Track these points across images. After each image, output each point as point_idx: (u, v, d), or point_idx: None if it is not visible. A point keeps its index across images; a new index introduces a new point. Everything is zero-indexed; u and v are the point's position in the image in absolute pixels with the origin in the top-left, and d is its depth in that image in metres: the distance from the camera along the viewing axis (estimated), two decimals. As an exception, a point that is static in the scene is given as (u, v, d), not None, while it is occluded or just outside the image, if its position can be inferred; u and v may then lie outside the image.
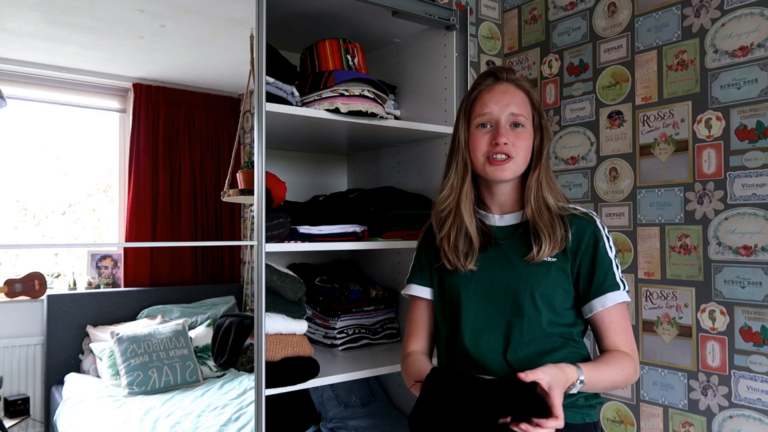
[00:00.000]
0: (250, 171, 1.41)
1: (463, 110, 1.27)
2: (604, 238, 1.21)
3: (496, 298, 1.21)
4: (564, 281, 1.20)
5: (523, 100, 1.23)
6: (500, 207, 1.29)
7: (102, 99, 1.52)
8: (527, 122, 1.23)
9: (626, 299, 1.21)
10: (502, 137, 1.20)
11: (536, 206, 1.22)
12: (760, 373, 1.64)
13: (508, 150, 1.20)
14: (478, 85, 1.26)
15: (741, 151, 1.69)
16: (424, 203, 1.82)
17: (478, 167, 1.24)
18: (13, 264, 1.45)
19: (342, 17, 1.74)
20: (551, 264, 1.20)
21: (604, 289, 1.19)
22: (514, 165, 1.21)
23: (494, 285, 1.22)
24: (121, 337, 1.58)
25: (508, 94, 1.22)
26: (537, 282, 1.19)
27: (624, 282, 1.21)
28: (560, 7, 2.22)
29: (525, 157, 1.23)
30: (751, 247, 1.66)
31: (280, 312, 1.50)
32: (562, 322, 1.21)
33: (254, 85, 1.41)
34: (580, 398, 1.19)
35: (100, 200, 1.54)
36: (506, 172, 1.21)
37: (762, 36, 1.65)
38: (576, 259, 1.21)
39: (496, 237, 1.26)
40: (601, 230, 1.22)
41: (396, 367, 1.65)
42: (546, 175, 1.24)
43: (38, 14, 1.34)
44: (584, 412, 1.20)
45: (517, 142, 1.21)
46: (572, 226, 1.21)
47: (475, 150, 1.23)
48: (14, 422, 1.43)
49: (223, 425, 1.56)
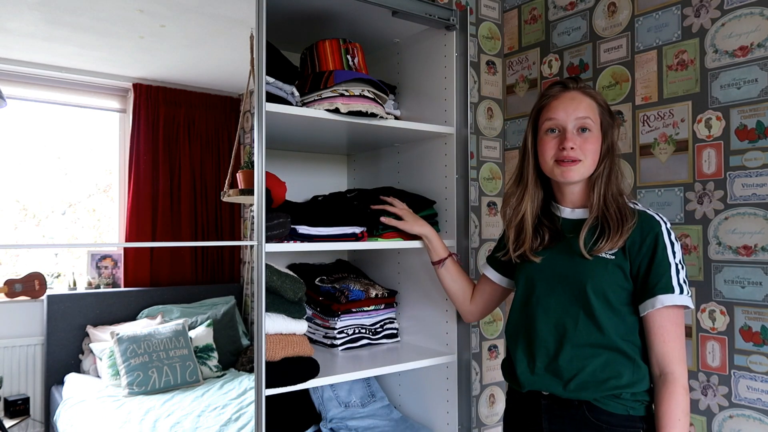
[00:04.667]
0: (250, 171, 1.41)
1: (531, 118, 1.38)
2: (666, 242, 1.23)
3: (555, 289, 1.31)
4: (620, 278, 1.25)
5: (590, 105, 1.31)
6: (572, 203, 1.37)
7: (102, 99, 1.52)
8: (594, 126, 1.30)
9: (680, 302, 1.21)
10: (569, 142, 1.29)
11: (603, 203, 1.29)
12: (760, 373, 1.64)
13: (575, 154, 1.29)
14: (546, 93, 1.36)
15: (741, 151, 1.69)
16: (424, 203, 1.82)
17: (547, 170, 1.34)
18: (13, 264, 1.45)
19: (342, 17, 1.74)
20: (609, 261, 1.25)
21: (657, 291, 1.21)
22: (582, 168, 1.30)
23: (554, 277, 1.31)
24: (121, 337, 1.58)
25: (576, 100, 1.31)
26: (592, 276, 1.25)
27: (683, 288, 1.21)
28: (560, 7, 2.22)
29: (593, 160, 1.31)
30: (751, 247, 1.66)
31: (280, 312, 1.50)
32: (620, 319, 1.25)
33: (254, 85, 1.41)
34: (626, 393, 1.24)
35: (100, 200, 1.54)
36: (574, 174, 1.30)
37: (762, 36, 1.65)
38: (635, 259, 1.24)
39: (563, 231, 1.35)
40: (664, 235, 1.24)
41: (396, 367, 1.65)
42: (613, 174, 1.31)
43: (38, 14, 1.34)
44: (629, 405, 1.25)
45: (585, 145, 1.29)
46: (637, 225, 1.25)
47: (544, 154, 1.33)
48: (14, 422, 1.43)
49: (223, 425, 1.56)
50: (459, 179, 1.78)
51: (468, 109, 1.77)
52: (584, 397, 1.26)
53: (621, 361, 1.25)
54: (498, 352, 2.43)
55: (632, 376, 1.25)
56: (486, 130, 2.42)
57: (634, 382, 1.25)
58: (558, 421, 1.30)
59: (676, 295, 1.21)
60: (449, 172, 1.81)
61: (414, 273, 1.94)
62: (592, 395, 1.25)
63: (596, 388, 1.25)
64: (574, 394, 1.27)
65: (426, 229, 1.64)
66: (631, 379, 1.24)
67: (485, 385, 2.39)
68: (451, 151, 1.80)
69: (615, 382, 1.24)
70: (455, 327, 1.78)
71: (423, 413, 1.90)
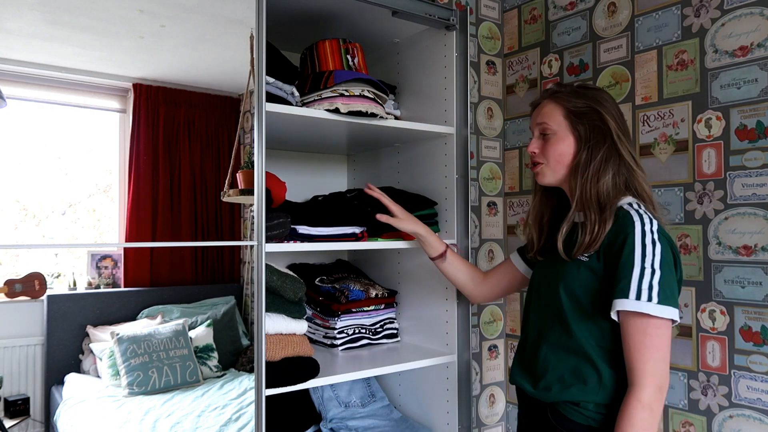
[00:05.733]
0: (250, 171, 1.41)
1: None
2: (636, 243, 1.15)
3: (542, 290, 1.34)
4: (590, 280, 1.22)
5: (551, 110, 1.32)
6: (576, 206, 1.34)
7: (102, 99, 1.52)
8: (556, 129, 1.31)
9: (634, 308, 1.12)
10: (529, 146, 1.36)
11: (581, 205, 1.27)
12: (760, 372, 1.64)
13: (537, 158, 1.35)
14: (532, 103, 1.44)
15: (741, 151, 1.69)
16: (424, 203, 1.82)
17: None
18: (13, 264, 1.45)
19: (342, 17, 1.74)
20: (582, 263, 1.24)
21: (614, 294, 1.16)
22: (547, 170, 1.33)
23: (543, 278, 1.35)
24: (121, 337, 1.58)
25: (539, 107, 1.37)
26: (564, 277, 1.26)
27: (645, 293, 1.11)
28: (560, 7, 2.22)
29: (557, 162, 1.31)
30: (751, 247, 1.66)
31: (280, 312, 1.50)
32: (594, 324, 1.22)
33: (254, 85, 1.41)
34: (589, 403, 1.21)
35: (100, 200, 1.54)
36: (540, 176, 1.35)
37: (762, 36, 1.65)
38: (608, 261, 1.19)
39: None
40: (636, 235, 1.16)
41: (396, 367, 1.65)
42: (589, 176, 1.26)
43: (38, 14, 1.34)
44: (591, 416, 1.21)
45: (545, 148, 1.32)
46: (612, 227, 1.20)
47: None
48: (14, 422, 1.43)
49: (223, 425, 1.56)
50: (459, 179, 1.78)
51: (468, 109, 1.77)
52: (548, 399, 1.25)
53: (588, 368, 1.21)
54: (498, 352, 2.43)
55: (597, 386, 1.20)
56: (486, 130, 2.42)
57: (597, 393, 1.20)
58: (529, 418, 1.33)
59: (631, 300, 1.12)
60: (449, 172, 1.81)
61: (414, 273, 1.94)
62: (555, 398, 1.23)
63: (560, 392, 1.22)
64: (540, 394, 1.27)
65: (418, 227, 1.63)
66: (595, 388, 1.20)
67: (485, 385, 2.39)
68: (451, 151, 1.80)
69: (578, 389, 1.20)
70: (455, 327, 1.78)
71: (423, 413, 1.90)
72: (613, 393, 1.19)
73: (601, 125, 1.27)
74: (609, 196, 1.24)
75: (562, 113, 1.31)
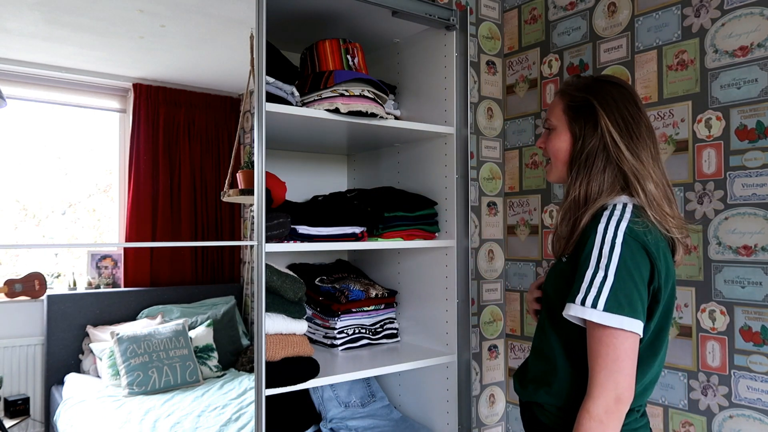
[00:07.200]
0: (250, 171, 1.41)
1: None
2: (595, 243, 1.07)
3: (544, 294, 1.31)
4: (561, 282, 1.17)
5: (555, 104, 1.27)
6: None
7: (102, 99, 1.52)
8: (557, 124, 1.25)
9: (577, 314, 1.05)
10: (538, 143, 1.31)
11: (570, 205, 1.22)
12: (760, 372, 1.64)
13: (546, 154, 1.29)
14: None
15: (741, 151, 1.69)
16: (423, 203, 1.82)
17: None
18: (13, 264, 1.45)
19: (342, 17, 1.74)
20: (559, 264, 1.21)
21: (568, 297, 1.10)
22: (551, 166, 1.27)
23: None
24: (121, 337, 1.58)
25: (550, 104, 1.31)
26: (546, 278, 1.25)
27: (591, 299, 1.04)
28: (560, 7, 2.22)
29: (556, 158, 1.25)
30: (751, 247, 1.66)
31: (280, 312, 1.50)
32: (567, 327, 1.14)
33: (254, 85, 1.41)
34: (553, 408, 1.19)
35: (100, 200, 1.54)
36: (548, 174, 1.30)
37: (762, 36, 1.65)
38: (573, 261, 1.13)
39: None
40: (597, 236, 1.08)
41: (396, 367, 1.65)
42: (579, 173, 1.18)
43: (38, 14, 1.34)
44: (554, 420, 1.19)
45: (547, 144, 1.27)
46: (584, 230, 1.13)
47: None
48: (14, 422, 1.43)
49: (223, 425, 1.56)
50: (459, 179, 1.78)
51: (468, 109, 1.77)
52: (524, 398, 1.26)
53: (553, 372, 1.18)
54: (498, 352, 2.43)
55: (559, 389, 1.17)
56: (486, 130, 2.42)
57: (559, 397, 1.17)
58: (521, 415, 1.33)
59: (576, 305, 1.05)
60: (449, 172, 1.81)
61: (414, 273, 1.94)
62: (528, 398, 1.24)
63: (533, 393, 1.22)
64: (521, 394, 1.28)
65: None
66: (558, 392, 1.17)
67: (485, 385, 2.39)
68: (451, 151, 1.80)
69: (545, 391, 1.19)
70: (455, 327, 1.78)
71: (423, 413, 1.90)
72: (573, 398, 1.13)
73: (595, 120, 1.17)
74: (599, 195, 1.15)
75: (562, 108, 1.24)
